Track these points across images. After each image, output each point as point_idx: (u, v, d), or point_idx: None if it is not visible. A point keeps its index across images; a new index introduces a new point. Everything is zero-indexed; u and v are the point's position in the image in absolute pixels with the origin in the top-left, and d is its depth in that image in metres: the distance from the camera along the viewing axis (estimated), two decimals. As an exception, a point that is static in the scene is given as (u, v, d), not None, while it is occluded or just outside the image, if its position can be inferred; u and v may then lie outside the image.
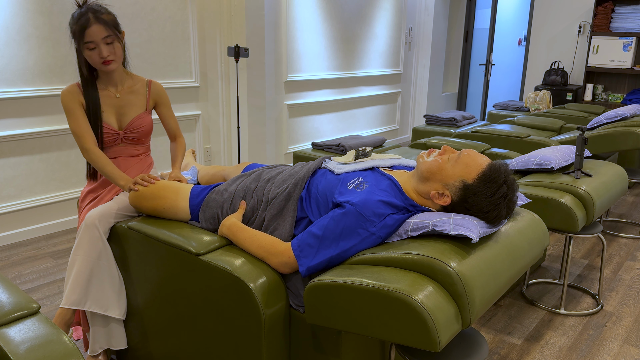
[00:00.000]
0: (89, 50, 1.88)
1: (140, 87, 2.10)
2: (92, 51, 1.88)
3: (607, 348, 2.32)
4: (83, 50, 1.89)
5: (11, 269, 3.02)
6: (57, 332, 1.07)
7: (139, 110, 2.08)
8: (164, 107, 2.17)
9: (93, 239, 1.86)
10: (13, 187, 3.35)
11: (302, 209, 1.68)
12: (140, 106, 2.09)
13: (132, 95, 2.07)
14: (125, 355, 2.08)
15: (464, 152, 1.58)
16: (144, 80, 2.12)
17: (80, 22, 1.84)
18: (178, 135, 2.23)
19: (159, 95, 2.15)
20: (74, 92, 1.96)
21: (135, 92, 2.08)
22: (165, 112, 2.19)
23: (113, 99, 2.02)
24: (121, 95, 2.04)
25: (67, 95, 1.95)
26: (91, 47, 1.87)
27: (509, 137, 3.69)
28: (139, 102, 2.08)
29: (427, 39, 6.56)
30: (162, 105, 2.17)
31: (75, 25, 1.86)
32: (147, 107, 2.11)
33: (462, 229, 1.43)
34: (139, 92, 2.09)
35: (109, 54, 1.90)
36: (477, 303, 1.36)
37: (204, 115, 4.44)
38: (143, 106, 2.10)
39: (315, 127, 5.39)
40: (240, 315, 1.55)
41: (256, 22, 4.26)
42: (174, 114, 2.18)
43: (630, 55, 5.49)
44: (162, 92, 2.16)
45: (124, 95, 2.05)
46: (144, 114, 2.09)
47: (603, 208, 2.47)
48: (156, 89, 2.14)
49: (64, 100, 1.95)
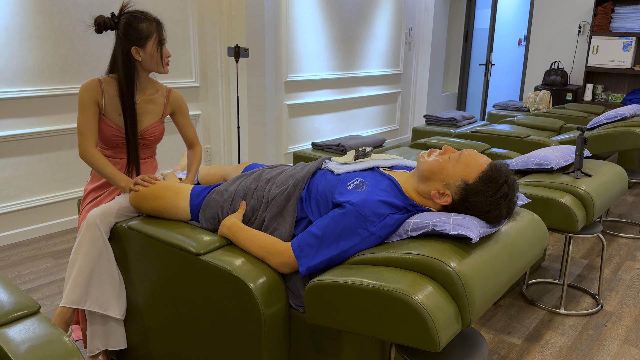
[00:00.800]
0: (161, 47, 1.95)
1: (160, 97, 2.11)
2: (162, 48, 1.96)
3: (607, 348, 2.32)
4: (154, 49, 1.94)
5: (11, 269, 3.02)
6: (57, 332, 1.07)
7: (154, 119, 2.10)
8: (182, 116, 2.19)
9: (94, 239, 1.86)
10: (13, 187, 3.35)
11: (302, 209, 1.68)
12: (157, 114, 2.11)
13: (150, 104, 2.09)
14: (125, 355, 2.08)
15: (465, 152, 1.58)
16: (164, 89, 2.14)
17: (156, 20, 1.93)
18: (195, 144, 2.24)
19: (177, 105, 2.17)
20: (93, 88, 1.96)
21: (154, 101, 2.10)
22: (183, 121, 2.20)
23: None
24: (140, 103, 2.06)
25: (85, 91, 1.96)
26: (164, 44, 1.95)
27: (509, 137, 3.69)
28: (156, 111, 2.10)
29: (427, 39, 6.56)
30: (179, 114, 2.19)
31: (150, 23, 1.92)
32: (163, 115, 2.14)
33: (462, 228, 1.43)
34: (157, 102, 2.11)
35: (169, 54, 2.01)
36: (477, 303, 1.36)
37: (204, 115, 4.45)
38: (159, 115, 2.12)
39: (315, 127, 5.39)
40: (240, 315, 1.55)
41: (256, 22, 4.26)
42: (191, 122, 2.21)
43: (630, 55, 5.49)
44: (181, 101, 2.18)
45: (143, 104, 2.07)
46: (157, 122, 2.11)
47: (603, 208, 2.47)
48: (175, 99, 2.16)
49: (81, 94, 1.96)
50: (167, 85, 2.15)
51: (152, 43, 1.92)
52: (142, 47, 1.92)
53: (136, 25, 1.90)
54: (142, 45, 1.92)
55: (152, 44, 1.92)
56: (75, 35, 3.45)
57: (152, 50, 1.94)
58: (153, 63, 1.97)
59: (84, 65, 3.54)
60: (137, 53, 1.94)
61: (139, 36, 1.91)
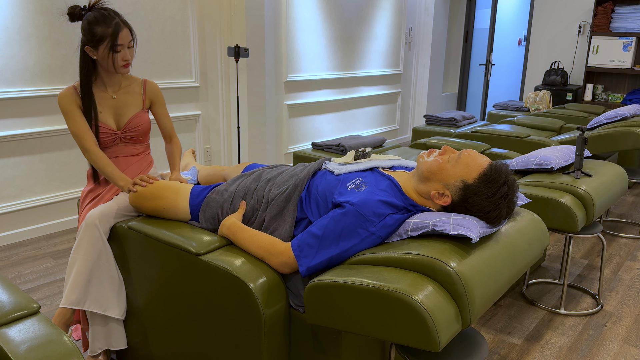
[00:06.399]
0: (114, 53, 1.92)
1: (136, 87, 2.13)
2: (117, 54, 1.93)
3: (607, 348, 2.32)
4: (105, 52, 1.92)
5: (11, 269, 3.02)
6: (57, 332, 1.07)
7: (136, 109, 2.11)
8: (159, 106, 2.20)
9: (93, 239, 1.86)
10: (13, 187, 3.34)
11: (302, 210, 1.68)
12: (137, 105, 2.12)
13: (128, 95, 2.10)
14: (125, 355, 2.08)
15: (465, 152, 1.58)
16: (139, 80, 2.15)
17: (113, 26, 1.89)
18: (173, 136, 2.25)
19: (154, 94, 2.17)
20: (71, 94, 1.98)
21: (131, 92, 2.11)
22: (161, 111, 2.21)
23: (109, 100, 2.05)
24: (117, 96, 2.07)
25: (64, 98, 1.97)
26: (118, 50, 1.92)
27: (509, 137, 3.69)
28: (135, 102, 2.11)
29: (427, 39, 6.56)
30: (157, 104, 2.20)
31: (106, 28, 1.89)
32: (144, 105, 2.14)
33: (462, 228, 1.43)
34: (135, 92, 2.12)
35: (130, 58, 1.98)
36: (477, 303, 1.36)
37: (204, 115, 4.44)
38: (140, 105, 2.12)
39: (315, 127, 5.39)
40: (240, 315, 1.55)
41: (256, 22, 4.26)
42: (168, 114, 2.22)
43: (630, 55, 5.49)
44: (158, 90, 2.19)
45: (120, 96, 2.08)
46: (141, 112, 2.12)
47: (603, 208, 2.47)
48: (151, 88, 2.16)
49: (61, 103, 1.97)
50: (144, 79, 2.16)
51: (103, 47, 1.91)
52: (95, 48, 1.92)
53: (92, 27, 1.90)
54: (95, 47, 1.92)
55: (103, 48, 1.91)
56: (75, 35, 3.45)
57: (104, 54, 1.92)
58: (106, 65, 1.96)
59: (84, 65, 3.53)
60: (91, 52, 1.94)
61: (92, 38, 1.90)
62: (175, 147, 2.23)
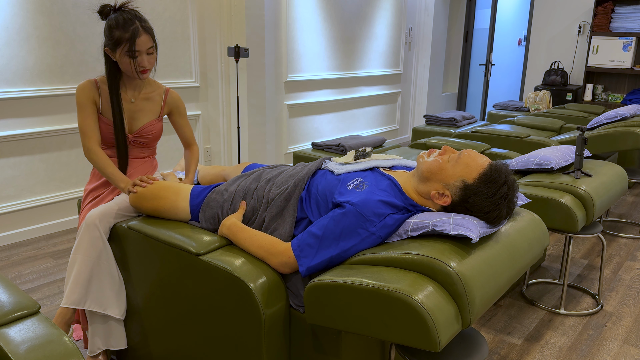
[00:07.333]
0: (131, 58, 1.90)
1: (157, 95, 2.11)
2: (134, 59, 1.90)
3: (607, 348, 2.32)
4: (122, 56, 1.90)
5: (11, 269, 3.02)
6: (57, 332, 1.07)
7: (152, 117, 2.10)
8: (179, 116, 2.19)
9: (93, 239, 1.87)
10: (13, 187, 3.35)
11: (302, 210, 1.68)
12: (154, 113, 2.11)
13: (147, 102, 2.08)
14: (125, 355, 2.08)
15: (465, 152, 1.58)
16: (162, 88, 2.13)
17: (132, 30, 1.87)
18: (192, 144, 2.24)
19: (175, 105, 2.16)
20: (89, 89, 1.97)
21: (151, 99, 2.09)
22: (180, 121, 2.20)
23: (127, 103, 2.04)
24: (136, 101, 2.06)
25: (81, 92, 1.97)
26: (135, 56, 1.89)
27: (508, 137, 3.69)
28: (152, 109, 2.10)
29: (427, 39, 6.56)
30: (177, 114, 2.18)
31: (124, 32, 1.87)
32: (160, 114, 2.13)
33: (462, 229, 1.43)
34: (154, 100, 2.10)
35: (148, 64, 1.94)
36: (477, 303, 1.36)
37: (204, 115, 4.45)
38: (156, 113, 2.11)
39: (315, 127, 5.39)
40: (240, 315, 1.55)
41: (256, 22, 4.26)
42: (189, 122, 2.21)
43: (630, 55, 5.49)
44: (179, 101, 2.17)
45: (139, 102, 2.06)
46: (155, 120, 2.11)
47: (603, 208, 2.47)
48: (173, 99, 2.15)
49: (78, 95, 1.97)
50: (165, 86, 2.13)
51: (120, 51, 1.90)
52: (113, 51, 1.92)
53: (111, 29, 1.89)
54: (112, 50, 1.91)
55: (120, 51, 1.90)
56: (75, 35, 3.45)
57: (121, 58, 1.91)
58: (125, 68, 1.95)
59: (84, 65, 3.54)
60: (111, 53, 1.93)
61: (110, 40, 1.90)
62: (192, 155, 2.22)
